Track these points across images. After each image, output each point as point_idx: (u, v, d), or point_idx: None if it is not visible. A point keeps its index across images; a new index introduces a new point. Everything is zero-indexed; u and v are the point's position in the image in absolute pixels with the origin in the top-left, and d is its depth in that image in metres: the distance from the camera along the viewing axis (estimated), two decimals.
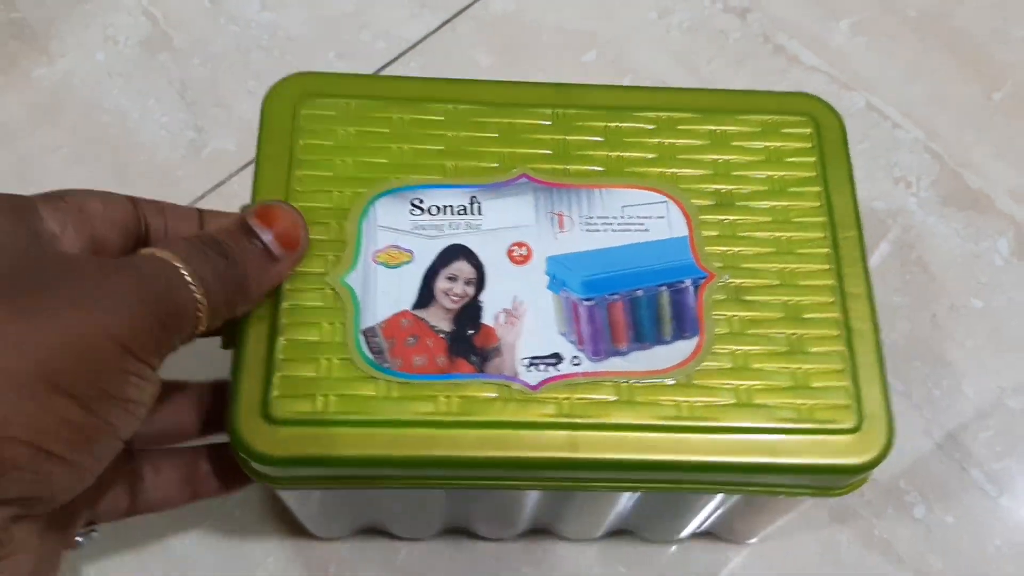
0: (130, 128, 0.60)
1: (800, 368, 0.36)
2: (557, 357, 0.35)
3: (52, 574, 0.33)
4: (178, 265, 0.31)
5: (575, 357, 0.35)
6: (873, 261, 0.58)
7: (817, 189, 0.39)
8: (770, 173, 0.39)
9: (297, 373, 0.34)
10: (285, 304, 0.35)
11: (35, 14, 0.63)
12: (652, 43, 0.65)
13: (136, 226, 0.35)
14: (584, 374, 0.35)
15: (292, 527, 0.49)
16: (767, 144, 0.40)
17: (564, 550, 0.50)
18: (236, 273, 0.33)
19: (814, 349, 0.36)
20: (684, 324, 0.36)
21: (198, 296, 0.31)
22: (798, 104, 0.41)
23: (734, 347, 0.36)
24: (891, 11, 0.68)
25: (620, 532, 0.49)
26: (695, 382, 0.35)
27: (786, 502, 0.41)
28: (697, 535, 0.49)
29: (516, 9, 0.66)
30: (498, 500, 0.42)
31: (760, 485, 0.36)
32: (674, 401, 0.35)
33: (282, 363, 0.34)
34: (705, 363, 0.35)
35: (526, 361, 0.35)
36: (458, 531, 0.49)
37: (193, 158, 0.59)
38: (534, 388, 0.35)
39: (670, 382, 0.35)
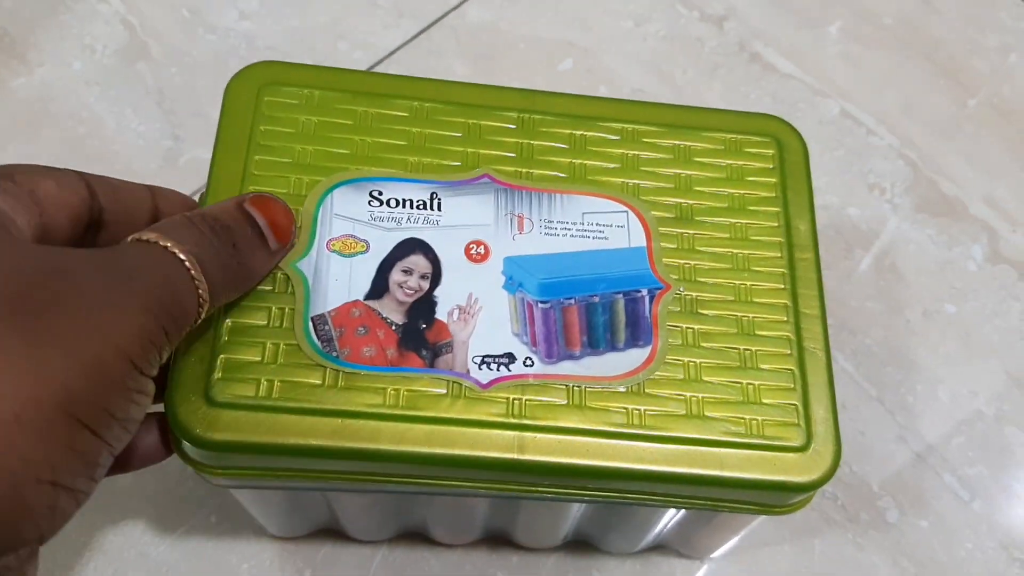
0: (107, 137, 0.60)
1: (751, 384, 0.36)
2: (510, 357, 0.35)
3: None
4: (183, 258, 0.29)
5: (528, 358, 0.35)
6: (848, 267, 0.59)
7: (776, 209, 0.40)
8: (731, 191, 0.40)
9: (241, 356, 0.34)
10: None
11: (13, 23, 0.63)
12: (628, 52, 0.66)
13: (87, 210, 0.32)
14: (536, 376, 0.35)
15: (268, 533, 0.49)
16: (730, 162, 0.40)
17: (537, 557, 0.50)
18: (241, 263, 0.32)
19: (765, 366, 0.36)
20: (638, 333, 0.36)
21: (202, 292, 0.29)
22: (763, 125, 0.42)
23: (687, 359, 0.36)
24: (867, 20, 0.68)
25: (581, 543, 0.50)
26: (647, 391, 0.35)
27: (737, 518, 0.41)
28: (660, 548, 0.50)
29: (492, 19, 0.66)
30: (447, 502, 0.42)
31: (706, 499, 0.36)
32: (624, 408, 0.35)
33: (226, 345, 0.34)
34: (657, 372, 0.35)
35: (477, 359, 0.35)
36: (418, 536, 0.49)
37: (170, 167, 0.59)
38: (484, 387, 0.34)
39: (621, 389, 0.35)
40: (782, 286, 0.38)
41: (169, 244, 0.29)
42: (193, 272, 0.29)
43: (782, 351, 0.37)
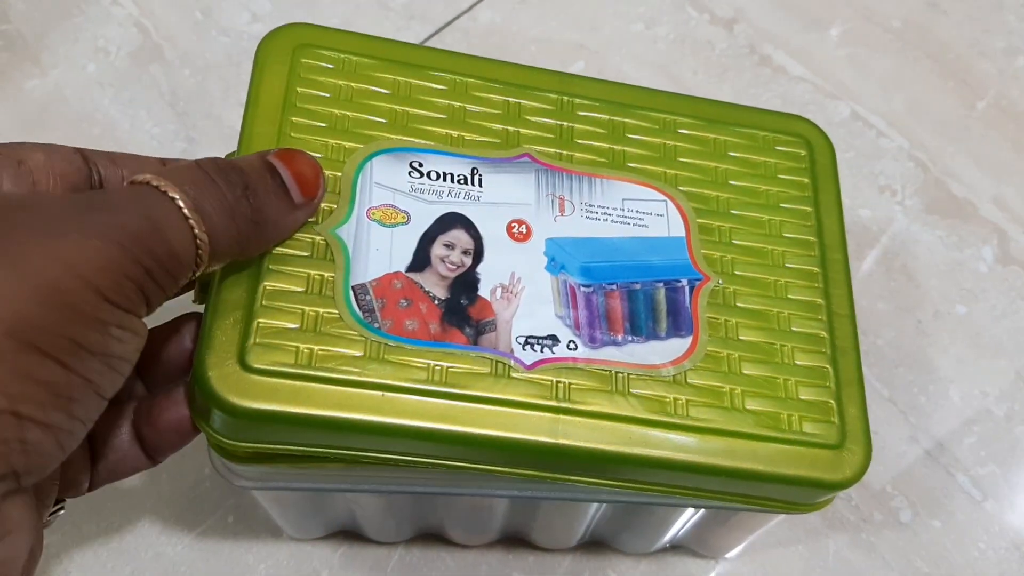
0: (121, 138, 0.60)
1: (788, 379, 0.36)
2: (554, 339, 0.34)
3: (39, 554, 0.29)
4: (174, 196, 0.27)
5: (571, 342, 0.34)
6: (859, 268, 0.59)
7: (808, 209, 0.40)
8: (765, 187, 0.40)
9: (279, 322, 0.32)
10: (270, 248, 0.33)
11: (26, 25, 0.64)
12: (638, 54, 0.66)
13: (85, 179, 0.31)
14: (581, 360, 0.34)
15: (285, 534, 0.49)
16: (763, 159, 0.40)
17: (552, 557, 0.50)
18: (254, 207, 0.30)
19: (801, 363, 0.36)
20: (679, 322, 0.36)
21: (198, 233, 0.27)
22: (793, 125, 0.42)
23: (726, 351, 0.36)
24: (875, 22, 0.69)
25: (596, 543, 0.50)
26: (689, 381, 0.35)
27: (755, 518, 0.41)
28: (675, 547, 0.50)
29: (503, 21, 0.66)
30: (467, 502, 0.42)
31: (737, 494, 0.36)
32: (666, 398, 0.34)
33: (263, 310, 0.32)
34: (699, 363, 0.35)
35: (521, 339, 0.34)
36: (434, 536, 0.49)
37: None
38: (528, 368, 0.34)
39: (664, 378, 0.35)
40: (815, 284, 0.38)
41: (162, 184, 0.27)
42: (187, 212, 0.27)
43: (817, 349, 0.37)
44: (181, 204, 0.27)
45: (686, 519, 0.42)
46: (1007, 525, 0.52)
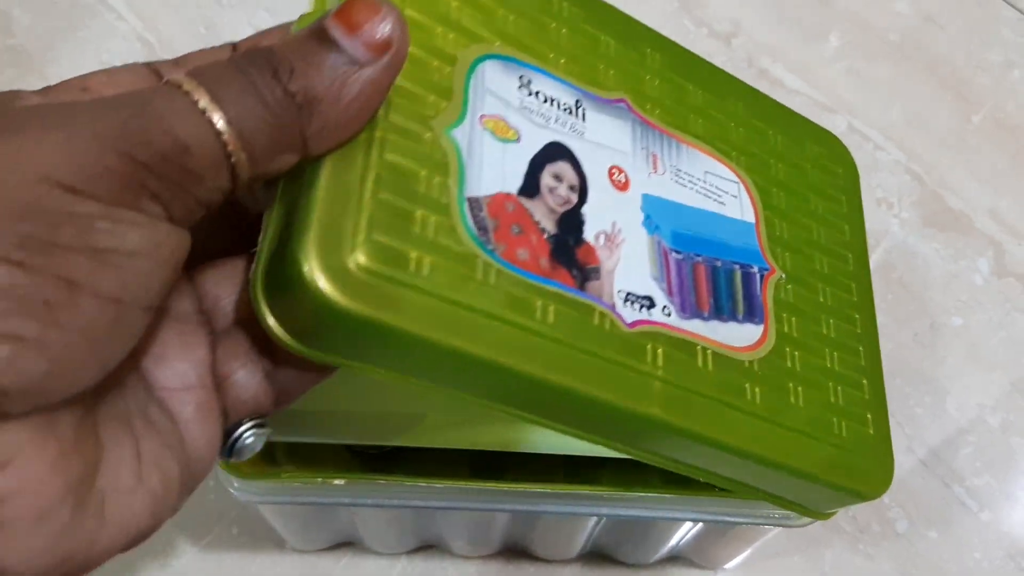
0: None
1: (836, 385, 0.36)
2: (650, 300, 0.32)
3: (158, 507, 0.26)
4: (188, 89, 0.24)
5: (666, 307, 0.32)
6: None
7: (846, 226, 0.40)
8: (813, 195, 0.39)
9: (391, 220, 0.27)
10: (380, 134, 0.28)
11: (32, 40, 0.64)
12: None
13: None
14: (674, 328, 0.32)
15: (289, 546, 0.50)
16: (812, 169, 0.40)
17: (553, 569, 0.51)
18: (289, 88, 0.25)
19: (842, 370, 0.36)
20: (753, 309, 0.35)
21: (219, 125, 0.24)
22: (830, 140, 0.41)
23: (788, 347, 0.35)
24: (873, 35, 0.69)
25: (596, 554, 0.51)
26: (761, 370, 0.34)
27: (757, 529, 0.41)
28: (675, 559, 0.51)
29: None
30: (470, 513, 0.42)
31: (774, 494, 0.35)
32: (744, 383, 0.33)
33: (374, 201, 0.27)
34: (769, 353, 0.34)
35: (622, 294, 0.31)
36: (436, 547, 0.50)
37: None
38: (629, 326, 0.31)
39: (743, 362, 0.33)
40: (851, 298, 0.38)
41: (176, 79, 0.24)
42: (202, 104, 0.24)
43: (857, 361, 0.37)
44: (194, 96, 0.24)
45: (687, 530, 0.43)
46: (1003, 535, 0.53)
